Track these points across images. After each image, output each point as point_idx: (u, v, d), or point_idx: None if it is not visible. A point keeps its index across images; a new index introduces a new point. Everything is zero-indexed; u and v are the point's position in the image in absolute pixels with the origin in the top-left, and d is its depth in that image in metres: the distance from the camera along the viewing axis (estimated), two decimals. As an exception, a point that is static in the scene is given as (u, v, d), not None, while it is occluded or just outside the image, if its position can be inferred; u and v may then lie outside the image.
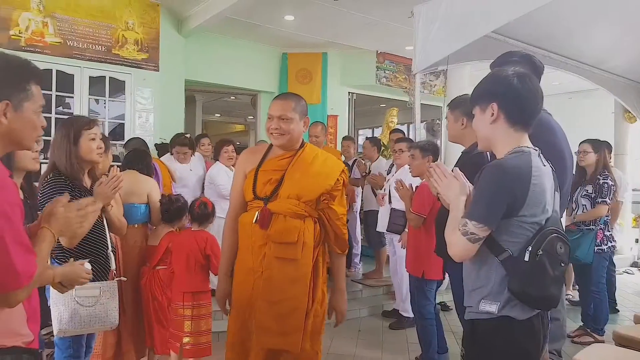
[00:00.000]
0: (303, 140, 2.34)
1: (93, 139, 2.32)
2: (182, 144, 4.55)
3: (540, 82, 2.15)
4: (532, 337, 1.56)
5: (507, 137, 1.62)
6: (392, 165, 4.88)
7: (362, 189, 5.57)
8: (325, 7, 5.70)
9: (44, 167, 2.48)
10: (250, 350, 2.13)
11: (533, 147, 1.62)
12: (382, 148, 6.13)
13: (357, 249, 5.65)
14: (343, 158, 5.67)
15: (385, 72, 8.19)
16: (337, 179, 2.23)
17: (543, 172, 1.56)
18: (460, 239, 1.54)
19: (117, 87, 5.76)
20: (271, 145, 2.33)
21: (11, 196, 1.24)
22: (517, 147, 1.59)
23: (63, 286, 1.81)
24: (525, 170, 1.52)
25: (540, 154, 1.61)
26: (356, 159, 5.67)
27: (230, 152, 4.54)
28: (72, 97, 5.46)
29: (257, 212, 2.16)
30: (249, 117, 11.58)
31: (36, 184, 2.40)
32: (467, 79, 5.83)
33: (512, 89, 1.60)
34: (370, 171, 5.45)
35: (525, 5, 3.74)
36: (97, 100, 5.72)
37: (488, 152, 1.92)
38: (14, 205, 1.23)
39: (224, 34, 6.78)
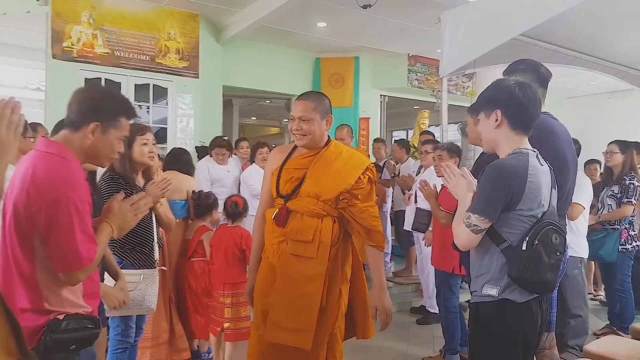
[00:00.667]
0: (329, 137, 2.33)
1: (145, 144, 2.64)
2: (220, 145, 4.88)
3: (547, 88, 2.35)
4: (530, 319, 1.76)
5: (508, 140, 1.82)
6: (420, 166, 5.07)
7: (393, 189, 5.78)
8: (356, 13, 5.91)
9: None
10: (259, 341, 2.19)
11: (532, 149, 1.81)
12: (413, 150, 6.31)
13: (388, 248, 5.84)
14: (374, 160, 5.89)
15: (417, 75, 8.36)
16: (360, 177, 2.19)
17: (539, 171, 1.76)
18: (464, 230, 1.76)
19: (160, 93, 6.17)
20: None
21: (83, 194, 1.55)
22: (517, 149, 1.79)
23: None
24: (522, 169, 1.72)
25: (539, 155, 1.81)
26: (386, 161, 5.88)
27: (265, 154, 4.82)
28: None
29: (276, 210, 2.21)
30: (284, 120, 11.93)
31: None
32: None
33: (514, 98, 1.80)
34: (399, 172, 5.65)
35: (549, 9, 3.85)
36: (140, 106, 6.14)
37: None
38: (84, 202, 1.54)
39: (260, 41, 7.11)
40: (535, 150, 1.82)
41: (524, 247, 1.71)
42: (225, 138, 5.20)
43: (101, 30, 5.67)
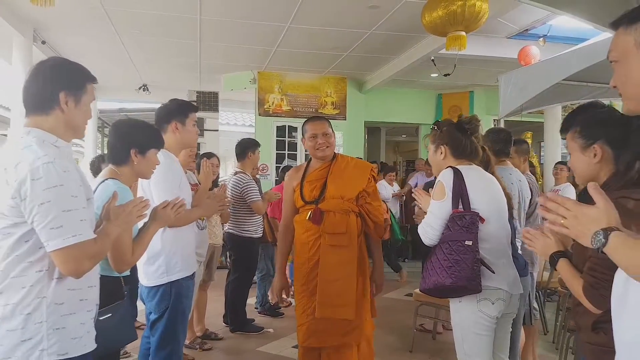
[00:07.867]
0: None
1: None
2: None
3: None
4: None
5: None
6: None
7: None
8: (459, 68, 8.42)
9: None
10: (315, 321, 2.65)
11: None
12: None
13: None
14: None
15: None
16: (369, 178, 2.76)
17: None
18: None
19: (321, 132, 9.74)
20: (308, 162, 2.90)
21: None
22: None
23: None
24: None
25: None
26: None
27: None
28: (296, 140, 9.60)
29: (309, 212, 2.67)
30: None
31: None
32: (560, 115, 8.25)
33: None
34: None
35: (579, 64, 6.12)
36: (309, 140, 9.77)
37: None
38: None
39: (391, 87, 10.15)
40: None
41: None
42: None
43: (286, 95, 9.43)
